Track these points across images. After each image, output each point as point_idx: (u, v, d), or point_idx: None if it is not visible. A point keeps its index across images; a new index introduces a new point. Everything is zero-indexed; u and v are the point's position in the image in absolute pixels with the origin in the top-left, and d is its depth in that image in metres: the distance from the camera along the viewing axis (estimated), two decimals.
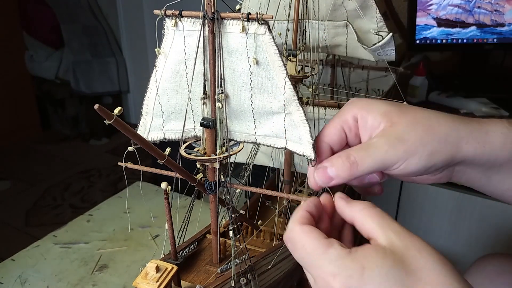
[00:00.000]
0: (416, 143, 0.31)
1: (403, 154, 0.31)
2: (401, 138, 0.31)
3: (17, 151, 2.35)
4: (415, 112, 0.33)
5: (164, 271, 0.39)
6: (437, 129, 0.32)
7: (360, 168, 0.31)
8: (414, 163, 0.31)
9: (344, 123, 0.35)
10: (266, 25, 0.36)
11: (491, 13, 1.10)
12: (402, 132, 0.31)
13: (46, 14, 2.33)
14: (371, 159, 0.31)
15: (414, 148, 0.31)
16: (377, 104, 0.34)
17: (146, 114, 0.43)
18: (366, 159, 0.31)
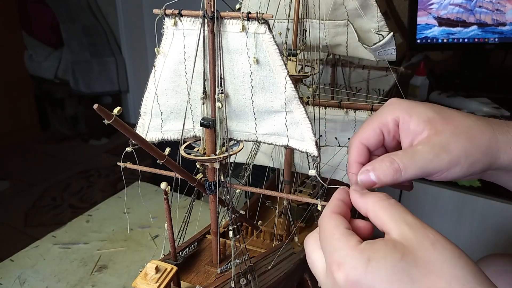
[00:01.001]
0: (460, 153, 0.31)
1: (447, 164, 0.31)
2: (447, 148, 0.31)
3: (16, 151, 2.34)
4: (458, 120, 0.33)
5: (164, 271, 0.39)
6: (479, 139, 0.32)
7: (404, 175, 0.31)
8: (455, 172, 0.32)
9: (383, 125, 0.34)
10: (266, 24, 0.36)
11: (492, 13, 1.10)
12: (447, 141, 0.31)
13: (46, 13, 2.33)
14: (415, 166, 0.31)
15: (458, 159, 0.31)
16: (420, 108, 0.33)
17: (145, 114, 0.43)
18: (410, 166, 0.31)
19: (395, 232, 0.27)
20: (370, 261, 0.25)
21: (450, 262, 0.25)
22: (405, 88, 1.15)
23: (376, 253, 0.25)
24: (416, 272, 0.24)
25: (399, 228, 0.27)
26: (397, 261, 0.25)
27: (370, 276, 0.25)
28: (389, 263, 0.25)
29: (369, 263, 0.25)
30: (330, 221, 0.29)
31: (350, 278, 0.25)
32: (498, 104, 1.08)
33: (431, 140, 0.32)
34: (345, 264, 0.26)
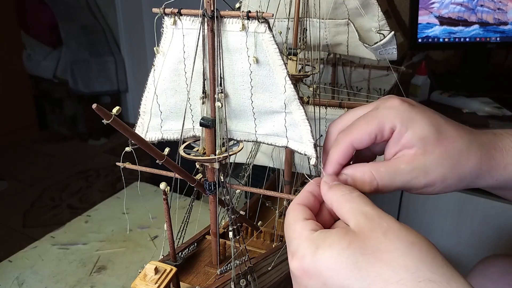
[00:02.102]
0: (437, 179, 0.32)
1: (422, 186, 0.32)
2: (427, 172, 0.32)
3: (14, 151, 2.34)
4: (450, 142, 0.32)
5: (163, 272, 0.39)
6: (463, 167, 0.32)
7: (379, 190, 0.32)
8: (429, 191, 0.33)
9: (379, 132, 0.33)
10: (266, 23, 0.36)
11: (494, 12, 1.09)
12: (430, 165, 0.32)
13: (44, 13, 2.32)
14: (392, 186, 0.32)
15: (434, 183, 0.32)
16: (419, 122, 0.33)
17: (144, 114, 0.42)
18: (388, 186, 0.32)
19: (352, 223, 0.27)
20: (317, 249, 0.25)
21: (400, 250, 0.24)
22: (406, 88, 1.15)
23: (324, 241, 0.26)
24: (362, 260, 0.24)
25: (355, 218, 0.27)
26: (343, 249, 0.25)
27: (318, 264, 0.25)
28: (335, 250, 0.25)
29: (317, 251, 0.25)
30: (291, 212, 0.30)
31: (300, 266, 0.26)
32: (500, 104, 1.07)
33: (415, 161, 0.32)
34: (296, 253, 0.27)
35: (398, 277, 0.23)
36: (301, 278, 0.26)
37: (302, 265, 0.26)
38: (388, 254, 0.24)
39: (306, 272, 0.26)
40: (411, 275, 0.23)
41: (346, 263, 0.24)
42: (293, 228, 0.29)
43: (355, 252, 0.24)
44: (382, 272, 0.23)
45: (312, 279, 0.25)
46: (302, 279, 0.26)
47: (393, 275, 0.23)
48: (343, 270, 0.24)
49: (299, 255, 0.26)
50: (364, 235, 0.25)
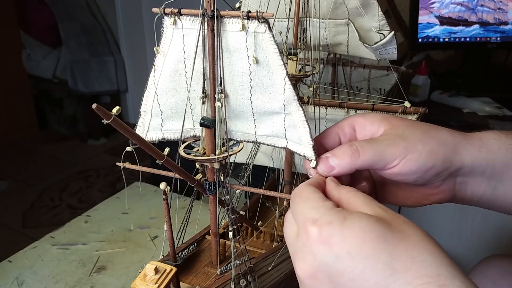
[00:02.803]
0: (415, 140, 0.32)
1: (403, 150, 0.32)
2: (402, 136, 0.32)
3: (14, 151, 2.34)
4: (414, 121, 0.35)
5: (163, 272, 0.39)
6: (434, 132, 0.33)
7: (362, 157, 0.32)
8: (414, 159, 0.32)
9: (339, 129, 0.36)
10: (266, 23, 0.36)
11: (494, 11, 1.09)
12: (402, 132, 0.33)
13: (44, 12, 2.32)
14: (372, 149, 0.32)
15: (414, 145, 0.32)
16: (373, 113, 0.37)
17: (145, 113, 0.42)
18: (367, 149, 0.32)
19: (369, 212, 0.27)
20: (346, 219, 0.25)
21: (421, 236, 0.25)
22: (407, 88, 1.15)
23: (351, 214, 0.26)
24: (391, 235, 0.24)
25: (373, 209, 0.27)
26: (372, 223, 0.25)
27: (345, 232, 0.25)
28: (364, 222, 0.25)
29: (345, 220, 0.25)
30: (307, 188, 0.30)
31: (324, 232, 0.25)
32: (500, 104, 1.07)
33: (387, 132, 0.33)
34: (320, 220, 0.26)
35: (423, 257, 0.24)
36: (321, 246, 0.25)
37: (327, 231, 0.25)
38: (413, 237, 0.25)
39: (329, 239, 0.25)
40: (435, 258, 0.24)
41: (374, 235, 0.24)
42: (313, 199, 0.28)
43: (384, 227, 0.25)
44: (409, 249, 0.24)
45: (335, 247, 0.24)
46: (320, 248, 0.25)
47: (418, 254, 0.24)
48: (371, 241, 0.24)
49: (323, 221, 0.25)
50: (387, 219, 0.26)
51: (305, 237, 0.26)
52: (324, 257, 0.25)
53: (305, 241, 0.26)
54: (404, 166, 0.32)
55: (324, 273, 0.25)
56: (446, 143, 0.33)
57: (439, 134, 0.33)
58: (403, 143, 0.32)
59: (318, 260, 0.25)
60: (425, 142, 0.32)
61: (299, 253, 0.26)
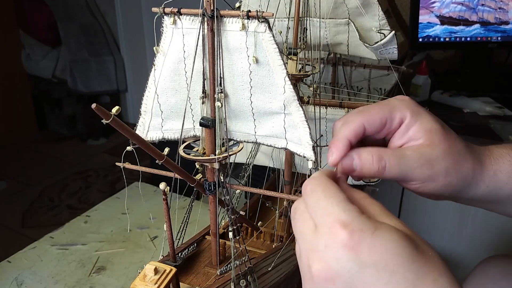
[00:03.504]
0: (441, 172, 0.33)
1: (426, 178, 0.32)
2: (432, 163, 0.33)
3: (13, 151, 2.33)
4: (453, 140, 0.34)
5: (163, 273, 0.39)
6: (462, 165, 0.34)
7: (385, 175, 0.32)
8: (430, 187, 0.33)
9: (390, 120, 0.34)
10: (266, 23, 0.36)
11: (495, 11, 1.09)
12: (436, 157, 0.33)
13: (43, 12, 2.31)
14: (399, 169, 0.32)
15: (437, 176, 0.33)
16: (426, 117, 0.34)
17: (145, 113, 0.42)
18: (394, 168, 0.32)
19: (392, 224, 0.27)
20: (377, 229, 0.25)
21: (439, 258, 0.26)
22: (407, 87, 1.14)
23: (383, 225, 0.25)
24: (416, 254, 0.25)
25: (394, 222, 0.27)
26: (401, 238, 0.25)
27: (375, 242, 0.24)
28: (394, 237, 0.25)
29: (376, 230, 0.25)
30: (332, 184, 0.29)
31: (355, 238, 0.24)
32: (501, 104, 1.07)
33: (422, 150, 0.33)
34: (351, 225, 0.25)
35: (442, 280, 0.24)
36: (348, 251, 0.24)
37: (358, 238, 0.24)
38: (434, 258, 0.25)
39: (357, 247, 0.24)
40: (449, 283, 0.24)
41: (403, 251, 0.24)
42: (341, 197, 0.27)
43: (411, 246, 0.25)
44: (431, 271, 0.24)
45: (363, 256, 0.24)
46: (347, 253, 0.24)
47: (438, 277, 0.24)
48: (398, 257, 0.24)
49: (355, 227, 0.25)
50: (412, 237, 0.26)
51: (330, 238, 0.25)
52: (348, 264, 0.24)
53: (329, 242, 0.25)
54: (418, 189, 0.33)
55: (345, 279, 0.24)
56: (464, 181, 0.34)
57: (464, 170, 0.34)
58: (428, 172, 0.32)
59: (341, 265, 0.24)
60: (448, 175, 0.33)
61: (318, 253, 0.26)
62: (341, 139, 0.32)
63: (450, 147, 0.33)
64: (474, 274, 0.52)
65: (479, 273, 0.52)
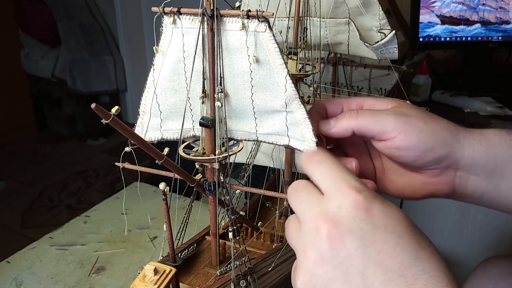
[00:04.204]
0: (418, 119, 0.33)
1: (404, 123, 0.33)
2: (405, 112, 0.33)
3: (12, 151, 2.33)
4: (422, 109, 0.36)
5: (163, 273, 0.38)
6: (437, 118, 0.34)
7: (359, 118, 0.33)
8: (415, 134, 0.32)
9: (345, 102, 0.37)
10: (266, 22, 0.35)
11: (496, 11, 1.09)
12: (407, 110, 0.34)
13: (43, 11, 2.31)
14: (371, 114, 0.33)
15: (416, 122, 0.33)
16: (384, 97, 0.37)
17: (144, 113, 0.42)
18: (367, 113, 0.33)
19: None
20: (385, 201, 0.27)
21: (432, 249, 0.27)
22: (407, 87, 1.14)
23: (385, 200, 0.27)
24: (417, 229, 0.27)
25: None
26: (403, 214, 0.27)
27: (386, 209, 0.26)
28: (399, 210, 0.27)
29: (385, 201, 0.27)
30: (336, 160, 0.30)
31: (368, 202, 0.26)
32: (502, 104, 1.06)
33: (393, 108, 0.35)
34: (365, 191, 0.26)
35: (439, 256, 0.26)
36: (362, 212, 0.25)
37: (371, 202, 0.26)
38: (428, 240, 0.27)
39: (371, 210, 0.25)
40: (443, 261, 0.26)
41: (408, 222, 0.26)
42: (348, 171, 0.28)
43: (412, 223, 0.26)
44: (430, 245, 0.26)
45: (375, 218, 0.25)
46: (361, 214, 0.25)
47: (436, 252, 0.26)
48: (405, 226, 0.26)
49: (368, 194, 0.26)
50: None
51: (344, 200, 0.26)
52: (361, 223, 0.25)
53: (343, 203, 0.26)
54: (404, 140, 0.32)
55: (356, 237, 0.25)
56: (448, 129, 0.33)
57: (442, 121, 0.34)
58: (404, 118, 0.33)
59: (354, 224, 0.25)
60: (427, 122, 0.33)
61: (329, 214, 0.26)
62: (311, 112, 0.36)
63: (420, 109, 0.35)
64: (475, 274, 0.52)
65: (480, 274, 0.52)
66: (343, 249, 0.25)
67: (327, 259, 0.25)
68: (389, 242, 0.24)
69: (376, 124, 0.33)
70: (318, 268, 0.25)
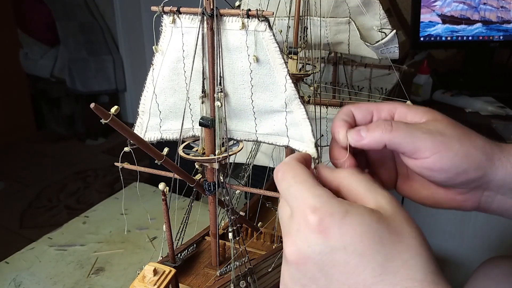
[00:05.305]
0: (454, 139, 0.31)
1: (439, 144, 0.31)
2: (441, 131, 0.31)
3: (11, 151, 2.32)
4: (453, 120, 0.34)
5: (162, 274, 0.38)
6: (474, 137, 0.32)
7: (393, 133, 0.31)
8: (449, 157, 0.31)
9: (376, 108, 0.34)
10: (266, 21, 0.35)
11: (497, 10, 1.09)
12: (443, 127, 0.32)
13: (42, 11, 2.30)
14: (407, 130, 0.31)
15: (451, 143, 0.31)
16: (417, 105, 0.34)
17: (143, 113, 0.42)
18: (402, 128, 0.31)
19: (372, 203, 0.27)
20: (347, 213, 0.25)
21: (417, 239, 0.26)
22: (408, 87, 1.14)
23: (355, 209, 0.26)
24: (388, 237, 0.25)
25: (376, 199, 0.27)
26: (373, 221, 0.25)
27: (345, 227, 0.25)
28: (365, 221, 0.25)
29: (347, 214, 0.25)
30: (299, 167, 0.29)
31: (324, 223, 0.25)
32: (503, 103, 1.06)
33: (429, 123, 0.32)
34: (321, 209, 0.25)
35: (413, 262, 0.24)
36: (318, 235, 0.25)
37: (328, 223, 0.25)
38: (409, 240, 0.25)
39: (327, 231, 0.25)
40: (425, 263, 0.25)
41: (373, 235, 0.25)
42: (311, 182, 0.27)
43: (383, 228, 0.25)
44: (402, 252, 0.25)
45: (332, 240, 0.25)
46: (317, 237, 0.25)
47: (410, 258, 0.25)
48: (368, 241, 0.25)
49: (324, 212, 0.25)
50: (389, 217, 0.26)
51: (302, 223, 0.26)
52: (318, 247, 0.25)
53: (301, 227, 0.26)
54: (437, 162, 0.31)
55: (316, 261, 0.25)
56: (484, 151, 0.32)
57: (477, 140, 0.32)
58: (440, 137, 0.31)
59: (312, 249, 0.25)
60: (463, 143, 0.31)
61: (292, 236, 0.26)
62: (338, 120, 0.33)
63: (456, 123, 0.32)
64: (476, 275, 0.52)
65: (481, 275, 0.51)
66: (308, 272, 0.25)
67: (295, 278, 0.26)
68: (349, 262, 0.24)
69: (410, 143, 0.31)
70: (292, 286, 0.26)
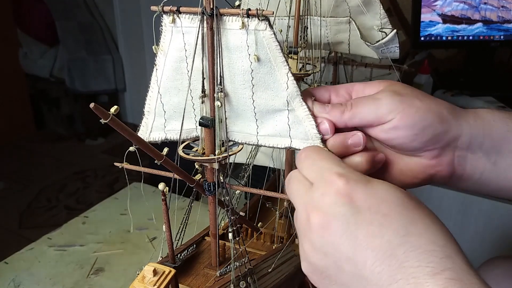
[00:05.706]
0: (412, 97, 0.32)
1: (399, 103, 0.32)
2: (398, 92, 0.33)
3: (10, 151, 2.32)
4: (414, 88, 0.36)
5: (162, 274, 0.38)
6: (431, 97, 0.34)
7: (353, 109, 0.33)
8: (412, 113, 0.32)
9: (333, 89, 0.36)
10: (266, 21, 0.35)
11: (498, 9, 1.09)
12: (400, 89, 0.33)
13: (41, 10, 2.30)
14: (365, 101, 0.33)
15: (411, 100, 0.32)
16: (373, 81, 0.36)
17: (148, 113, 0.42)
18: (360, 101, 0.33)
19: None
20: (370, 181, 0.27)
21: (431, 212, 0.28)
22: None
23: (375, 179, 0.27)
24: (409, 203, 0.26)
25: None
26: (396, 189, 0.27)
27: (369, 190, 0.26)
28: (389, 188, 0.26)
29: (370, 181, 0.27)
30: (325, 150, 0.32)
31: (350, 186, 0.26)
32: (504, 103, 1.06)
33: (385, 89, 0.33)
34: (347, 175, 0.27)
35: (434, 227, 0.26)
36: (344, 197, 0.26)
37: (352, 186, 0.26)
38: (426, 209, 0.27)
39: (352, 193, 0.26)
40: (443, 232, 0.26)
41: (396, 199, 0.26)
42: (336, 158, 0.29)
43: (404, 195, 0.26)
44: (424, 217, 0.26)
45: (358, 201, 0.25)
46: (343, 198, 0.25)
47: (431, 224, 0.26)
48: (391, 203, 0.25)
49: (350, 177, 0.26)
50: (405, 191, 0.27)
51: (327, 187, 0.27)
52: (344, 207, 0.25)
53: (326, 190, 0.26)
54: (401, 120, 0.31)
55: (340, 223, 0.25)
56: (444, 106, 0.33)
57: (436, 99, 0.34)
58: (399, 97, 0.32)
59: (336, 210, 0.25)
60: (422, 100, 0.32)
61: (314, 202, 0.27)
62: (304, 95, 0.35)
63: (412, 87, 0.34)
64: None
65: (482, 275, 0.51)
66: (330, 236, 0.25)
67: (317, 247, 0.26)
68: (373, 223, 0.24)
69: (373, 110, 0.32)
70: (312, 257, 0.27)
